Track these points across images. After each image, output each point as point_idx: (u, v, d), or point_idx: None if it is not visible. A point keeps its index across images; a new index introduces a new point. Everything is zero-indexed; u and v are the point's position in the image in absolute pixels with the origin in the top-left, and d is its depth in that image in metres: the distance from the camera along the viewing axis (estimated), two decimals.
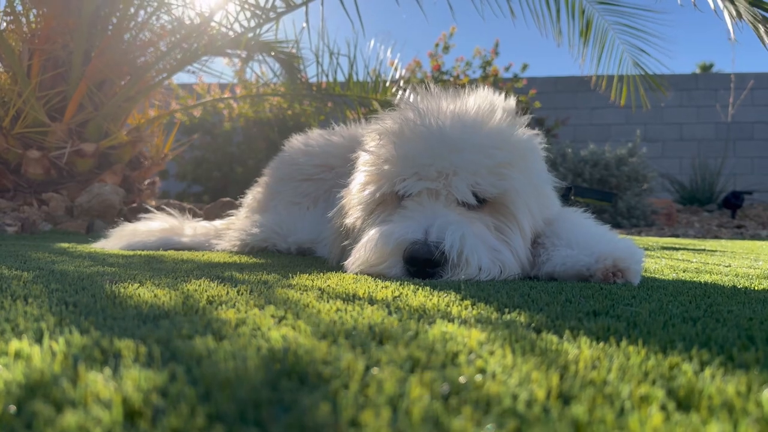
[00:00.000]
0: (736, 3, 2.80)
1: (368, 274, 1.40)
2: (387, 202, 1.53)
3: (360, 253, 1.42)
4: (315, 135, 2.51)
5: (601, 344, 0.69)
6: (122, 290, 1.02)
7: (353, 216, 1.60)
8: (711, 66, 16.49)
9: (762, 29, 2.83)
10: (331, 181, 2.25)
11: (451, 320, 0.81)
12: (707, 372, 0.58)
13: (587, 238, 1.49)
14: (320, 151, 2.37)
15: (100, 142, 3.81)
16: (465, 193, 1.42)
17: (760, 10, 2.78)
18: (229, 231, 2.27)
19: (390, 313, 0.85)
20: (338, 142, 2.36)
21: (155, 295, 0.97)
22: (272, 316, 0.81)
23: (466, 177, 1.42)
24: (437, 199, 1.43)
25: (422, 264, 1.32)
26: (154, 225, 2.37)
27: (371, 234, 1.43)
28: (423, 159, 1.43)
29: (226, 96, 5.98)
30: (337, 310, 0.87)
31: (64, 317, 0.77)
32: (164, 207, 2.60)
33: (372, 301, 0.96)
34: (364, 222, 1.57)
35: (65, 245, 2.22)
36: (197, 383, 0.50)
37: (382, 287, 1.13)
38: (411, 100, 1.62)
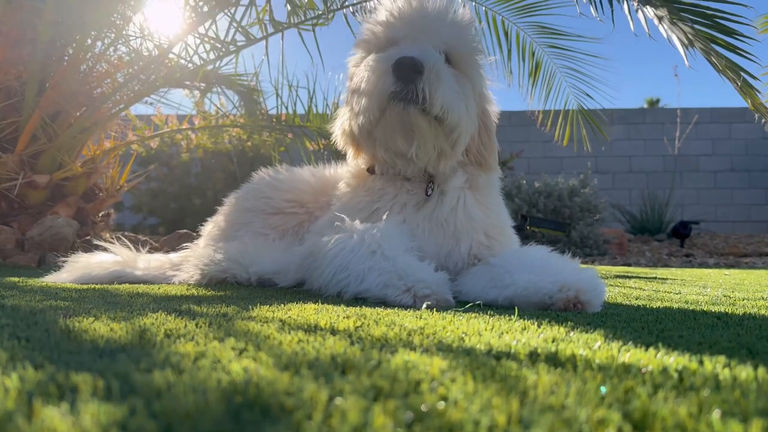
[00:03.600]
0: (688, 34, 2.95)
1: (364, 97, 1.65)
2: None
3: (356, 80, 1.70)
4: (284, 170, 2.50)
5: (559, 370, 0.71)
6: (77, 324, 0.99)
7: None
8: (658, 101, 17.19)
9: (714, 57, 2.98)
10: (302, 216, 2.27)
11: (413, 349, 0.81)
12: (660, 395, 0.60)
13: (551, 267, 1.53)
14: (291, 187, 2.36)
15: (53, 174, 3.71)
16: (439, 43, 1.69)
17: (713, 45, 2.94)
18: (188, 261, 2.23)
19: (352, 343, 0.85)
20: (309, 179, 2.36)
21: (111, 329, 0.95)
22: (232, 348, 0.80)
23: (442, 32, 1.71)
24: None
25: (407, 67, 1.54)
26: (107, 258, 2.31)
27: (364, 64, 1.69)
28: (413, 19, 1.71)
29: (184, 127, 5.93)
30: (299, 341, 0.87)
31: (16, 352, 0.75)
32: (121, 237, 2.54)
33: (334, 332, 0.96)
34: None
35: (15, 279, 2.15)
36: (157, 417, 0.50)
37: (344, 317, 1.13)
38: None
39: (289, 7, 4.00)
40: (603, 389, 0.61)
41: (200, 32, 4.01)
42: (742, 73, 2.91)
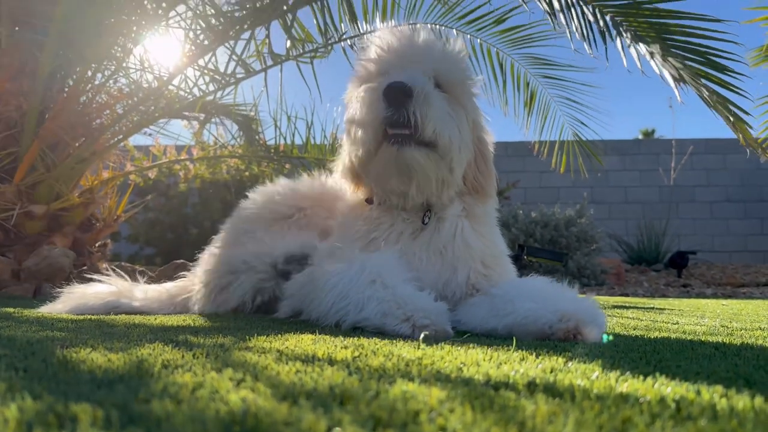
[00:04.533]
0: (680, 70, 3.00)
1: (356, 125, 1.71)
2: None
3: (351, 113, 1.76)
4: (282, 182, 2.51)
5: (557, 400, 0.71)
6: (74, 355, 0.99)
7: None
8: (653, 132, 17.41)
9: (705, 92, 3.03)
10: (303, 220, 2.27)
11: (411, 379, 0.81)
12: (658, 424, 0.60)
13: (552, 296, 1.54)
14: (291, 194, 2.37)
15: (50, 204, 3.72)
16: (429, 70, 1.73)
17: (705, 81, 3.00)
18: (194, 287, 2.24)
19: (350, 374, 0.85)
20: (306, 187, 2.38)
21: (109, 360, 0.95)
22: (230, 378, 0.80)
23: (432, 60, 1.76)
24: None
25: (396, 92, 1.58)
26: (103, 288, 2.30)
27: (356, 94, 1.75)
28: (402, 50, 1.77)
29: (182, 158, 5.97)
30: (297, 371, 0.87)
31: (14, 383, 0.75)
32: (116, 268, 2.53)
33: (332, 362, 0.96)
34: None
35: (11, 310, 2.14)
36: None
37: (342, 348, 1.13)
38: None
39: (288, 41, 4.07)
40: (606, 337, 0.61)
41: (200, 64, 4.07)
42: (733, 108, 2.96)
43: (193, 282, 2.35)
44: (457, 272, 1.81)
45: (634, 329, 1.78)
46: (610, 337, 1.48)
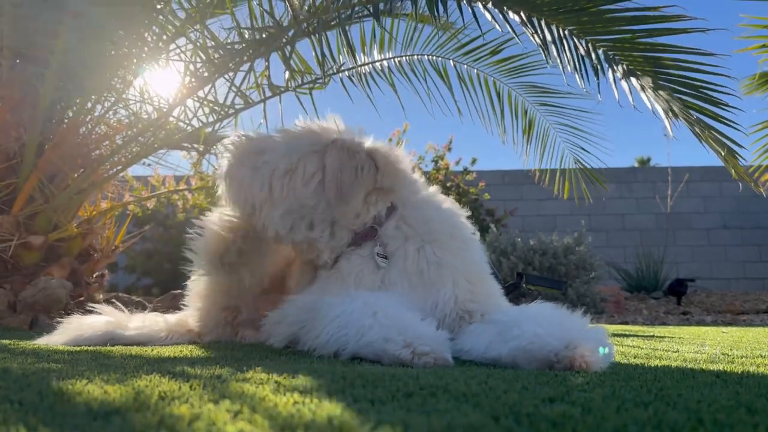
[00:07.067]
0: (671, 104, 3.04)
1: None
2: None
3: None
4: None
5: (558, 430, 0.70)
6: (70, 386, 0.98)
7: None
8: (649, 160, 17.55)
9: (697, 127, 3.07)
10: None
11: (409, 410, 0.81)
12: None
13: (560, 322, 1.52)
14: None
15: (48, 235, 3.71)
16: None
17: (695, 113, 3.04)
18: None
19: (348, 404, 0.84)
20: None
21: (105, 392, 0.94)
22: (227, 410, 0.79)
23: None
24: None
25: None
26: (99, 319, 2.29)
27: None
28: None
29: (181, 188, 5.99)
30: (295, 402, 0.86)
31: (8, 415, 0.74)
32: (116, 300, 2.52)
33: (330, 392, 0.95)
34: None
35: (6, 342, 2.12)
36: None
37: (340, 378, 1.12)
38: None
39: (287, 73, 4.12)
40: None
41: (200, 96, 4.11)
42: (725, 140, 2.99)
43: (190, 314, 2.34)
44: (439, 290, 1.81)
45: (635, 357, 1.77)
46: (606, 350, 1.46)
